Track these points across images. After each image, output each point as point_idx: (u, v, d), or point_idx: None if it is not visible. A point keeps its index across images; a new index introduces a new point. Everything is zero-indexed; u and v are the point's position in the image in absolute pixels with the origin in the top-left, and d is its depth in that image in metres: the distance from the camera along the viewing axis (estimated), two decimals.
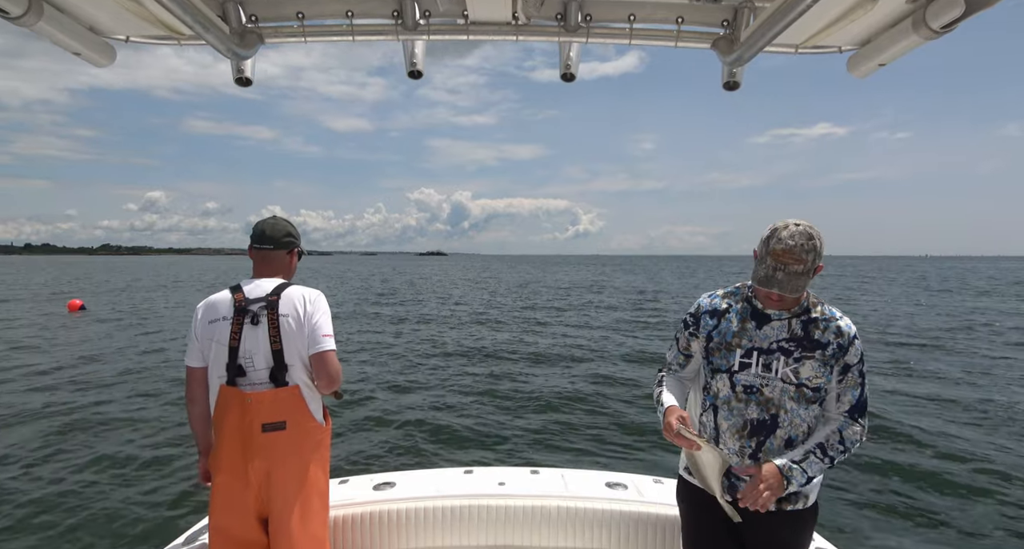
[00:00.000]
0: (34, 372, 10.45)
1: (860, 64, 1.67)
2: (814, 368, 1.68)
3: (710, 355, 1.82)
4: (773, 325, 1.73)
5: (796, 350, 1.70)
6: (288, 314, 2.04)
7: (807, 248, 1.57)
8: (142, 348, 13.19)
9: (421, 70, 1.79)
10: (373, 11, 1.63)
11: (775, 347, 1.71)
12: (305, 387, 2.05)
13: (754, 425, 1.73)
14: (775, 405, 1.71)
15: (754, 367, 1.73)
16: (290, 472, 2.01)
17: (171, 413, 7.72)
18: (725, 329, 1.79)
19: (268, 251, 2.20)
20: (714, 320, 1.83)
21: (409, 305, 24.75)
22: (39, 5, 1.35)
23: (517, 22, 1.65)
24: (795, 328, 1.71)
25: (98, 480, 5.49)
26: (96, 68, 1.68)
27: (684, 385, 1.97)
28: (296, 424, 2.02)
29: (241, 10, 1.61)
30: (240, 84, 1.75)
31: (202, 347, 2.08)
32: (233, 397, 1.99)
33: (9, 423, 7.26)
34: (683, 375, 1.96)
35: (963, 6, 1.24)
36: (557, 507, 2.39)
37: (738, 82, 1.77)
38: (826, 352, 1.68)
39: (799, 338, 1.70)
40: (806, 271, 1.59)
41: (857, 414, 1.71)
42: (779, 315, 1.73)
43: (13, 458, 6.03)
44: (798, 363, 1.69)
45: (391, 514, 2.39)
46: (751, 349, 1.74)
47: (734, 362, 1.75)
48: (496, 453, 6.43)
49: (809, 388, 1.69)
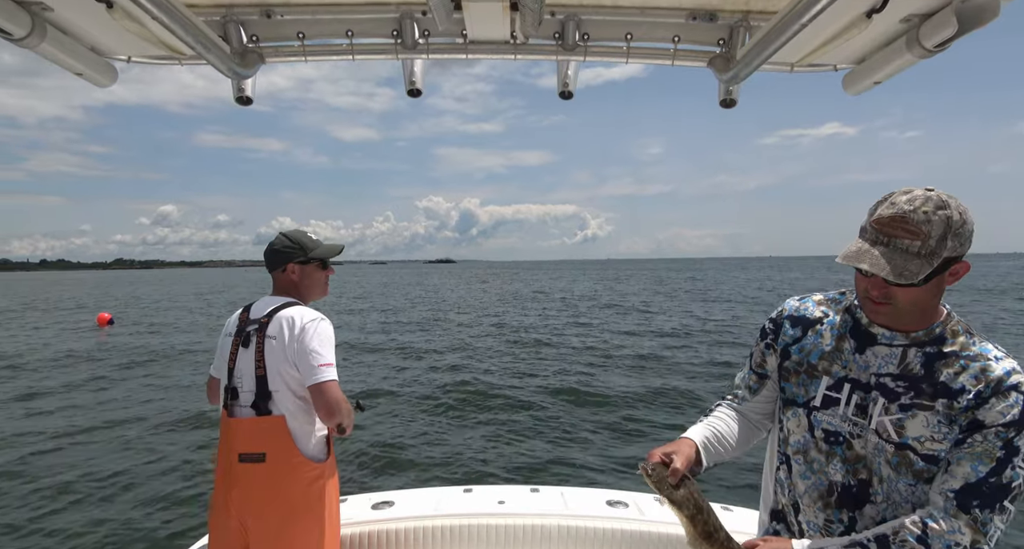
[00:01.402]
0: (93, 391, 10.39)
1: (855, 82, 1.69)
2: (931, 426, 1.10)
3: (785, 379, 1.32)
4: (878, 351, 1.18)
5: (906, 394, 1.13)
6: (274, 336, 1.91)
7: (929, 218, 1.05)
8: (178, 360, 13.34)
9: (420, 88, 1.80)
10: (373, 31, 1.65)
11: (874, 383, 1.17)
12: (293, 418, 1.89)
13: (840, 491, 1.21)
14: (866, 468, 1.17)
15: (843, 405, 1.20)
16: (272, 511, 1.86)
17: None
18: (811, 346, 1.28)
19: (272, 273, 2.13)
20: (798, 330, 1.32)
21: (412, 316, 24.70)
22: (42, 27, 1.37)
23: (515, 41, 1.67)
24: (911, 361, 1.14)
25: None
26: (98, 88, 1.69)
27: (744, 424, 1.41)
28: (278, 459, 1.86)
29: (242, 30, 1.63)
30: (240, 103, 1.77)
31: (217, 360, 2.09)
32: (224, 422, 1.95)
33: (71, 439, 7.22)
34: (749, 408, 1.42)
35: (955, 26, 1.26)
36: (557, 526, 2.37)
37: (735, 99, 1.78)
38: (956, 403, 1.08)
39: (914, 377, 1.13)
40: (922, 253, 1.05)
41: (973, 503, 1.04)
42: (890, 337, 1.17)
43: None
44: (905, 413, 1.12)
45: (390, 534, 2.36)
46: (843, 379, 1.21)
47: (815, 394, 1.24)
48: (496, 471, 6.37)
49: (918, 454, 1.11)
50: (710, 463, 1.30)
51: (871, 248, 1.09)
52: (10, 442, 7.21)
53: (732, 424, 1.39)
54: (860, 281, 1.17)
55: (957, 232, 1.05)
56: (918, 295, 1.10)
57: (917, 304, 1.11)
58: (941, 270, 1.08)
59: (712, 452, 1.32)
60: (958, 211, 1.06)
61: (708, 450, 1.31)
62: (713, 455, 1.32)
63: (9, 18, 1.28)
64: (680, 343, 15.81)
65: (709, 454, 1.30)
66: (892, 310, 1.13)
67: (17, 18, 1.30)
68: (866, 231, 1.12)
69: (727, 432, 1.36)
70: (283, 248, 2.08)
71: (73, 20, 1.46)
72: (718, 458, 1.33)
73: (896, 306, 1.12)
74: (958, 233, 1.06)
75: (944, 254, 1.05)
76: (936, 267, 1.06)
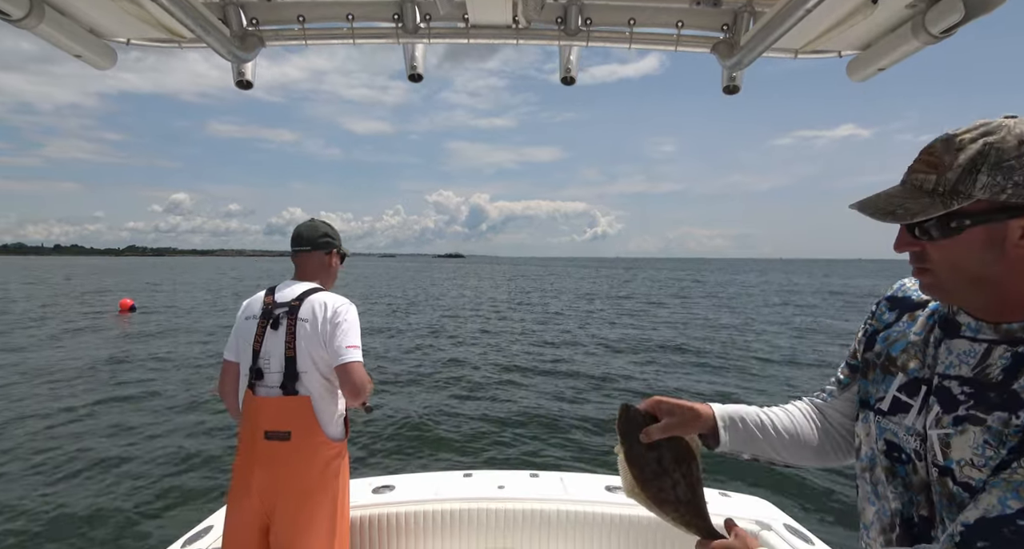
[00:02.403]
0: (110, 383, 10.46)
1: (860, 68, 1.67)
2: (975, 445, 0.80)
3: (863, 374, 1.06)
4: (956, 346, 0.89)
5: (968, 401, 0.83)
6: (306, 319, 2.00)
7: (961, 146, 0.79)
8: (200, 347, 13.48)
9: (421, 73, 1.79)
10: (374, 14, 1.63)
11: (936, 384, 0.89)
12: (319, 399, 1.99)
13: (900, 527, 0.92)
14: (930, 500, 0.87)
15: (914, 414, 0.91)
16: (292, 488, 1.94)
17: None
18: (899, 335, 1.00)
19: (306, 253, 2.18)
20: (894, 314, 1.04)
21: (416, 307, 24.74)
22: (40, 8, 1.36)
23: (517, 26, 1.65)
24: (993, 363, 0.82)
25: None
26: (98, 70, 1.68)
27: (815, 423, 1.13)
28: (303, 436, 1.95)
29: (242, 13, 1.62)
30: (241, 87, 1.76)
31: (237, 343, 2.10)
32: (248, 400, 1.99)
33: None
34: (832, 406, 1.13)
35: (963, 11, 1.24)
36: (557, 510, 2.39)
37: (738, 86, 1.77)
38: (1016, 418, 0.77)
39: (988, 384, 0.82)
40: (937, 190, 0.80)
41: (978, 544, 0.74)
42: (974, 329, 0.87)
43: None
44: (956, 427, 0.83)
45: (390, 517, 2.39)
46: (919, 380, 0.92)
47: (886, 394, 0.97)
48: (495, 456, 6.42)
49: (957, 483, 0.82)
50: (734, 447, 1.07)
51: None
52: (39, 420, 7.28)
53: (797, 418, 1.12)
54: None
55: (999, 166, 0.75)
56: (956, 254, 0.81)
57: (960, 270, 0.82)
58: (985, 218, 0.77)
59: (741, 435, 1.07)
60: (1018, 139, 0.75)
61: (734, 429, 1.06)
62: (743, 439, 1.07)
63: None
64: (692, 337, 15.84)
65: (735, 434, 1.06)
66: (934, 280, 0.86)
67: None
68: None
69: (782, 424, 1.10)
70: (331, 234, 2.23)
71: (72, 1, 1.45)
72: (755, 449, 1.08)
73: (935, 273, 0.85)
74: (1002, 167, 0.75)
75: (976, 194, 0.76)
76: (969, 212, 0.78)
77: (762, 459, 1.09)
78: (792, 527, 2.29)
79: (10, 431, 7.01)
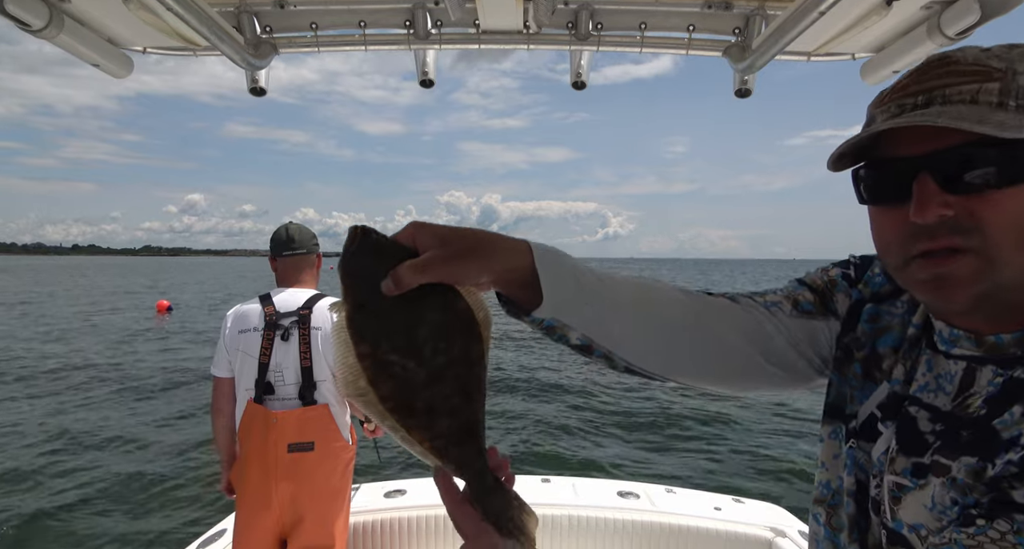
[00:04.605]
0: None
1: (874, 71, 1.66)
2: (937, 506, 0.53)
3: (836, 367, 0.72)
4: (935, 362, 0.61)
5: (935, 443, 0.56)
6: (320, 327, 1.99)
7: (997, 54, 0.51)
8: None
9: (433, 79, 1.80)
10: (385, 21, 1.65)
11: (906, 411, 0.61)
12: (334, 404, 2.01)
13: None
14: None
15: (882, 445, 0.61)
16: (317, 494, 1.96)
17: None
18: (892, 323, 0.68)
19: (300, 256, 2.16)
20: (891, 284, 0.70)
21: None
22: (60, 18, 1.38)
23: (528, 31, 1.66)
24: (979, 389, 0.56)
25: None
26: (115, 79, 1.71)
27: (725, 316, 0.70)
28: (324, 444, 1.96)
29: (256, 21, 1.64)
30: (254, 94, 1.78)
31: (231, 358, 2.04)
32: (258, 415, 1.95)
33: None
34: (775, 321, 0.71)
35: (979, 12, 1.23)
36: (568, 516, 2.38)
37: (750, 89, 1.76)
38: (991, 466, 0.50)
39: (966, 418, 0.55)
40: (1009, 103, 0.48)
41: None
42: (952, 340, 0.59)
43: None
44: (917, 480, 0.56)
45: (402, 522, 2.39)
46: (900, 397, 0.62)
47: (860, 411, 0.66)
48: None
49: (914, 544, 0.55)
50: (559, 314, 0.58)
51: (901, 103, 0.54)
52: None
53: (685, 300, 0.68)
54: (889, 225, 0.57)
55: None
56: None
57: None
58: None
59: (578, 294, 0.59)
60: None
61: (565, 279, 0.58)
62: (581, 301, 0.59)
63: (28, 9, 1.29)
64: None
65: (564, 287, 0.58)
66: (982, 262, 0.51)
67: (35, 9, 1.31)
68: (876, 117, 0.58)
69: (666, 298, 0.67)
70: (315, 236, 2.25)
71: (90, 11, 1.47)
72: (600, 324, 0.61)
73: (986, 249, 0.50)
74: None
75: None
76: None
77: (607, 348, 0.63)
78: (807, 534, 2.26)
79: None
